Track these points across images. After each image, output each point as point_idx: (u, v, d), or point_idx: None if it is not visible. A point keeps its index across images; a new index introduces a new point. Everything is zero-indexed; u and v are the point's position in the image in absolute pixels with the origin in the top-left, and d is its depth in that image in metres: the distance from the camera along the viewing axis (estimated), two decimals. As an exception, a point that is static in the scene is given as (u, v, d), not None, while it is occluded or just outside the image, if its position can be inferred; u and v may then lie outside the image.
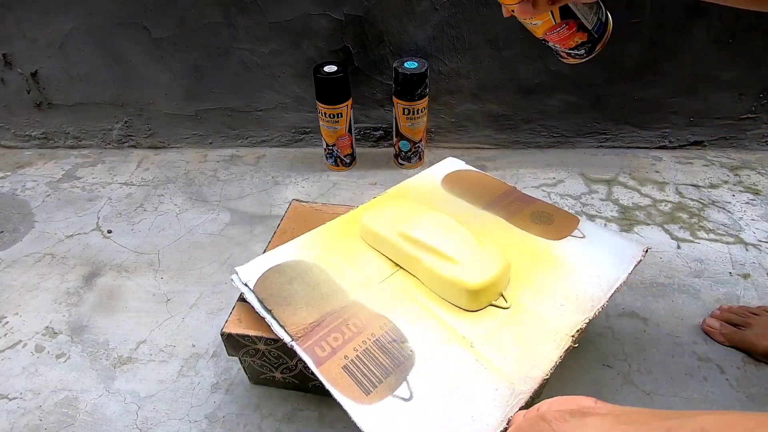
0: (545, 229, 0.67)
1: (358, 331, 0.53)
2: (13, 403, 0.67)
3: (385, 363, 0.51)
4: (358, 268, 0.62)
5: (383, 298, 0.58)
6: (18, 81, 1.08)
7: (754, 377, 0.67)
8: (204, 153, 1.15)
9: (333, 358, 0.51)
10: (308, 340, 0.52)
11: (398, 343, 0.52)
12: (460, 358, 0.51)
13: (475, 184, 0.76)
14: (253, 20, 0.97)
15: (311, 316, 0.55)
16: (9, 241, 0.93)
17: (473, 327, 0.54)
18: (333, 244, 0.65)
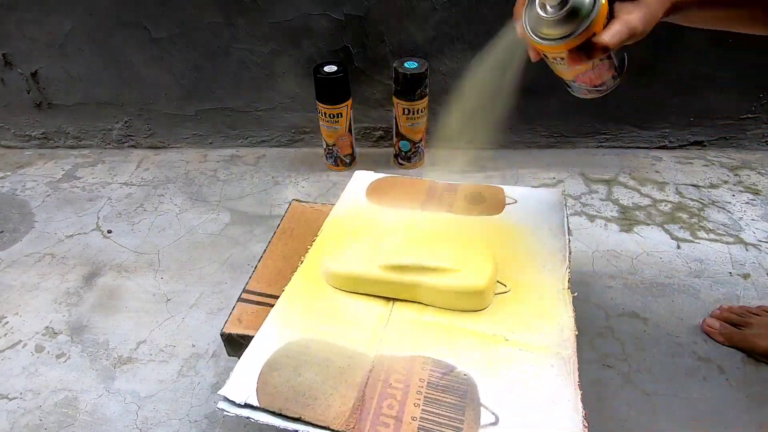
0: (485, 208, 0.71)
1: (406, 385, 0.48)
2: (13, 403, 0.67)
3: (453, 401, 0.46)
4: (354, 320, 0.55)
5: (400, 338, 0.53)
6: (18, 81, 1.08)
7: (754, 377, 0.67)
8: (204, 153, 1.15)
9: (403, 427, 0.44)
10: (365, 426, 0.45)
11: (450, 374, 0.49)
12: (508, 356, 0.51)
13: (399, 190, 0.74)
14: (253, 20, 0.97)
15: (347, 398, 0.47)
16: (9, 241, 0.93)
17: (494, 323, 0.54)
18: (309, 308, 0.57)
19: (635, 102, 1.04)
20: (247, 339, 0.58)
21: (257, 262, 0.69)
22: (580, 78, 0.54)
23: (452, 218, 0.69)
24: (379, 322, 0.55)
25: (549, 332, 0.53)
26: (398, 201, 0.72)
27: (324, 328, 0.54)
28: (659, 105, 1.04)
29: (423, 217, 0.70)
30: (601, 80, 0.54)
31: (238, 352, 0.61)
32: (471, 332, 0.53)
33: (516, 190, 0.74)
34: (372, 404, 0.46)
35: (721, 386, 0.66)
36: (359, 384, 0.48)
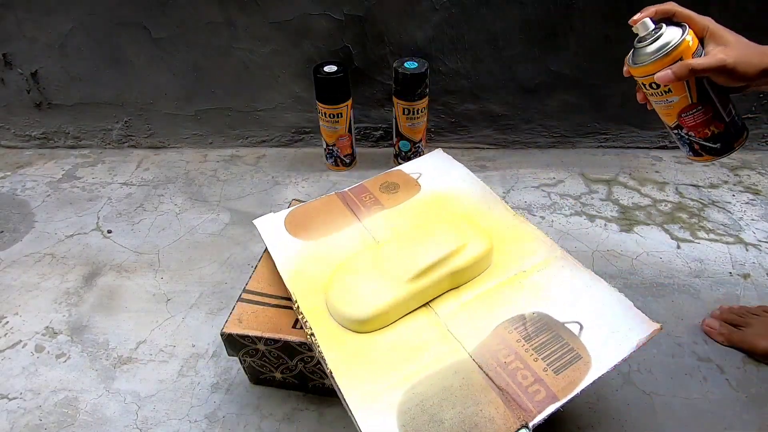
0: (406, 190, 0.75)
1: (514, 353, 0.52)
2: (13, 403, 0.67)
3: (548, 337, 0.53)
4: (418, 343, 0.54)
5: (468, 326, 0.55)
6: (18, 81, 1.08)
7: (754, 377, 0.67)
8: (204, 153, 1.15)
9: (548, 380, 0.49)
10: (528, 405, 0.48)
11: (527, 322, 0.55)
12: (536, 281, 0.60)
13: (318, 216, 0.71)
14: (253, 20, 0.97)
15: (494, 401, 0.48)
16: (9, 241, 0.93)
17: (505, 268, 0.62)
18: (367, 359, 0.53)
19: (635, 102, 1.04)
20: (247, 339, 0.58)
21: (257, 262, 0.69)
22: (684, 120, 0.56)
23: (398, 211, 0.72)
24: (438, 327, 0.56)
25: (537, 248, 0.64)
26: (332, 225, 0.69)
27: (407, 369, 0.52)
28: (659, 105, 1.04)
29: (375, 224, 0.69)
30: (708, 130, 0.56)
31: (238, 352, 0.61)
32: (502, 284, 0.60)
33: (408, 166, 0.79)
34: (514, 387, 0.49)
35: (721, 386, 0.66)
36: (487, 384, 0.50)
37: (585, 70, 1.00)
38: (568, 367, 0.50)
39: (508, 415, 0.47)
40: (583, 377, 0.49)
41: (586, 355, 0.51)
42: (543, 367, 0.50)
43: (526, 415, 0.47)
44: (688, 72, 0.51)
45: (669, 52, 0.52)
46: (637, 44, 0.55)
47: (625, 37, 0.95)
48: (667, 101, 0.56)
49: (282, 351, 0.59)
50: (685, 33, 0.52)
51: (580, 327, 0.54)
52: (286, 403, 0.66)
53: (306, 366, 0.61)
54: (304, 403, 0.66)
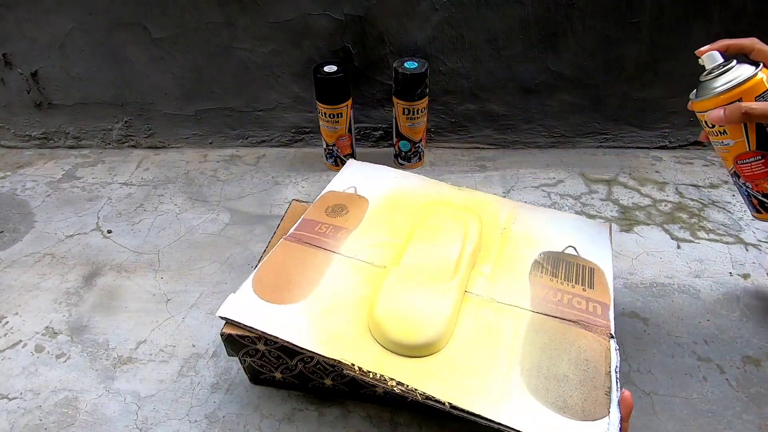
0: (356, 207, 0.73)
1: (557, 282, 0.61)
2: (13, 403, 0.67)
3: (570, 261, 0.64)
4: (492, 327, 0.55)
5: (507, 288, 0.60)
6: (18, 81, 1.08)
7: (754, 377, 0.67)
8: (204, 153, 1.15)
9: (589, 293, 0.59)
10: (601, 321, 0.56)
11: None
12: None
13: (291, 266, 0.63)
14: (253, 20, 0.97)
15: (583, 332, 0.54)
16: (9, 241, 0.93)
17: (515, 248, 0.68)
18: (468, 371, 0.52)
19: (635, 102, 1.04)
20: (247, 339, 0.58)
21: (257, 262, 0.69)
22: (741, 168, 0.52)
23: (367, 228, 0.69)
24: (489, 305, 0.58)
25: (498, 207, 0.73)
26: (313, 271, 0.61)
27: (500, 355, 0.52)
28: (659, 105, 1.04)
29: (354, 249, 0.65)
30: (759, 181, 0.52)
31: (238, 352, 0.61)
32: (502, 246, 0.66)
33: (337, 185, 0.78)
34: (580, 314, 0.56)
35: (721, 386, 0.66)
36: (564, 324, 0.55)
37: (585, 70, 1.00)
38: (593, 279, 0.61)
39: (595, 337, 0.53)
40: (606, 280, 0.61)
41: (594, 265, 0.63)
42: (581, 289, 0.59)
43: (605, 329, 0.55)
44: (740, 115, 0.46)
45: (728, 90, 0.47)
46: (701, 78, 0.51)
47: (626, 37, 0.96)
48: (723, 143, 0.52)
49: (282, 351, 0.59)
50: (756, 71, 0.46)
51: (575, 249, 0.65)
52: (286, 403, 0.66)
53: (306, 366, 0.61)
54: (304, 403, 0.66)
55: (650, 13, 0.93)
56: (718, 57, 0.50)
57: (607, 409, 0.47)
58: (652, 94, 1.03)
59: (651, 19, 0.93)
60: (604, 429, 0.45)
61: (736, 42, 0.50)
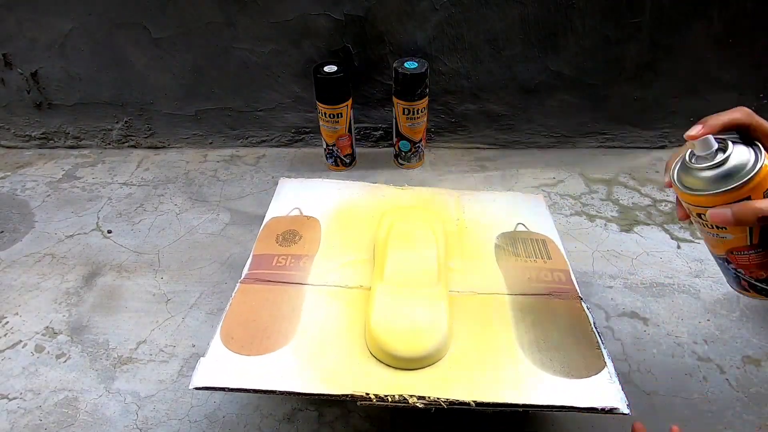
0: (313, 231, 0.69)
1: (520, 260, 0.63)
2: (13, 403, 0.67)
3: (524, 238, 0.68)
4: (481, 319, 0.57)
5: (481, 278, 0.62)
6: (18, 81, 1.08)
7: (754, 377, 0.67)
8: (204, 153, 1.15)
9: (549, 263, 0.64)
10: (567, 287, 0.61)
11: None
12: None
13: (260, 311, 0.58)
14: (253, 20, 0.97)
15: (558, 302, 0.59)
16: (9, 241, 0.93)
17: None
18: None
19: (635, 102, 1.04)
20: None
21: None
22: (734, 257, 0.44)
23: (328, 250, 0.65)
24: (471, 298, 0.60)
25: (445, 199, 0.75)
26: (286, 311, 0.58)
27: (503, 340, 0.55)
28: (659, 105, 1.04)
29: (324, 276, 0.62)
30: (762, 272, 0.44)
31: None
32: (461, 236, 0.69)
33: (278, 209, 0.73)
34: (551, 286, 0.61)
35: (721, 386, 0.66)
36: (541, 299, 0.58)
37: (585, 70, 1.00)
38: (548, 249, 0.66)
39: (569, 302, 0.58)
40: (558, 246, 0.67)
41: (544, 237, 0.68)
42: (543, 261, 0.63)
43: (573, 293, 0.60)
44: (754, 219, 0.38)
45: (735, 188, 0.38)
46: (692, 162, 0.42)
47: (626, 37, 0.96)
48: (718, 236, 0.43)
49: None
50: (760, 160, 0.38)
51: (524, 225, 0.70)
52: (286, 403, 0.66)
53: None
54: (304, 403, 0.66)
55: (650, 13, 0.93)
56: (714, 142, 0.40)
57: (603, 360, 0.52)
58: (652, 94, 1.03)
59: (651, 19, 0.93)
60: (607, 377, 0.50)
61: (730, 120, 0.41)
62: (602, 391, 0.49)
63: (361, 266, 0.63)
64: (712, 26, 0.93)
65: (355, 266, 0.63)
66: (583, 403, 0.48)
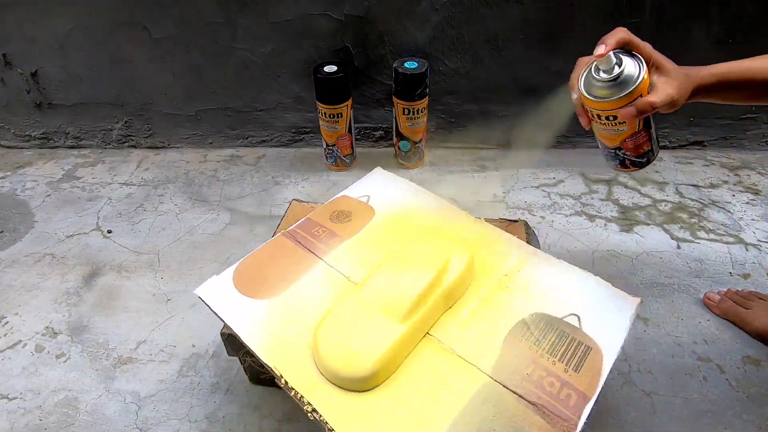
0: (361, 217, 0.69)
1: (536, 353, 0.51)
2: (13, 403, 0.67)
3: (555, 336, 0.53)
4: (438, 381, 0.50)
5: (475, 342, 0.53)
6: (18, 81, 1.08)
7: (754, 377, 0.67)
8: (204, 153, 1.15)
9: (571, 378, 0.49)
10: (568, 414, 0.46)
11: (530, 326, 0.54)
12: (523, 282, 0.61)
13: (274, 262, 0.63)
14: (253, 20, 0.97)
15: (539, 421, 0.46)
16: (9, 241, 0.93)
17: (490, 281, 0.61)
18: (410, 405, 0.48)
19: (635, 102, 1.04)
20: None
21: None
22: (627, 144, 0.59)
23: (359, 240, 0.65)
24: (447, 356, 0.52)
25: (508, 249, 0.64)
26: (291, 272, 0.61)
27: (433, 415, 0.47)
28: (659, 105, 1.04)
29: (338, 259, 0.62)
30: (642, 150, 0.59)
31: (238, 352, 0.61)
32: (491, 293, 0.58)
33: (354, 191, 0.75)
34: (546, 398, 0.47)
35: (721, 386, 0.66)
36: (520, 404, 0.47)
37: (585, 70, 1.00)
38: (584, 361, 0.50)
39: (550, 430, 0.45)
40: (600, 367, 0.50)
41: (594, 345, 0.52)
42: (563, 369, 0.49)
43: (569, 425, 0.45)
44: (650, 110, 0.52)
45: (633, 91, 0.52)
46: (596, 77, 0.54)
47: (625, 37, 0.96)
48: (618, 130, 0.57)
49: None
50: (643, 68, 0.53)
51: (578, 319, 0.54)
52: (286, 403, 0.66)
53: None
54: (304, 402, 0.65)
55: (650, 13, 0.93)
56: (614, 59, 0.53)
57: None
58: (652, 94, 1.03)
59: (651, 19, 0.93)
60: None
61: (618, 38, 0.53)
62: None
63: (372, 268, 0.60)
64: (712, 26, 0.93)
65: (368, 265, 0.61)
66: None
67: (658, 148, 0.61)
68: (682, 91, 0.54)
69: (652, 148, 0.60)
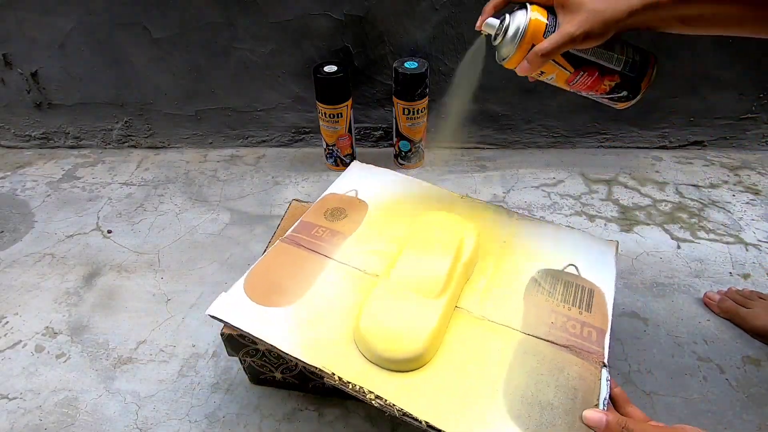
0: (356, 212, 0.71)
1: (553, 303, 0.58)
2: (13, 403, 0.67)
3: (569, 281, 0.61)
4: (480, 346, 0.54)
5: (500, 306, 0.58)
6: (18, 81, 1.08)
7: (754, 377, 0.67)
8: (204, 153, 1.15)
9: (586, 316, 0.56)
10: (595, 348, 0.53)
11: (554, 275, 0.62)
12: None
13: (284, 269, 0.62)
14: (253, 20, 0.97)
15: (574, 359, 0.52)
16: (9, 241, 0.93)
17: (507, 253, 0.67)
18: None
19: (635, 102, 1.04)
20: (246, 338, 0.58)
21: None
22: (575, 87, 0.56)
23: (364, 234, 0.67)
24: (480, 323, 0.56)
25: (499, 218, 0.70)
26: (306, 275, 0.61)
27: (485, 376, 0.51)
28: (659, 105, 1.04)
29: (349, 255, 0.63)
30: (605, 86, 0.54)
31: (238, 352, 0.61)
32: (499, 259, 0.64)
33: (339, 187, 0.76)
34: (573, 339, 0.54)
35: (721, 386, 0.66)
36: (555, 349, 0.53)
37: (585, 70, 1.00)
38: (591, 302, 0.58)
39: (587, 365, 0.51)
40: (605, 303, 0.58)
41: (594, 287, 0.60)
42: (578, 312, 0.57)
43: (598, 357, 0.52)
44: (540, 60, 0.49)
45: (520, 43, 0.50)
46: (494, 43, 0.54)
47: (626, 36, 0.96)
48: (549, 79, 0.55)
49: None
50: (527, 15, 0.50)
51: (575, 268, 0.63)
52: (286, 403, 0.66)
53: (306, 366, 0.61)
54: (304, 403, 0.66)
55: (650, 13, 0.93)
56: (494, 21, 0.53)
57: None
58: (652, 94, 1.02)
59: (651, 19, 0.93)
60: None
61: (495, 3, 0.52)
62: None
63: (386, 257, 0.62)
64: (712, 26, 0.93)
65: (381, 256, 0.63)
66: None
67: (642, 67, 0.53)
68: (591, 20, 0.47)
69: (621, 80, 0.53)
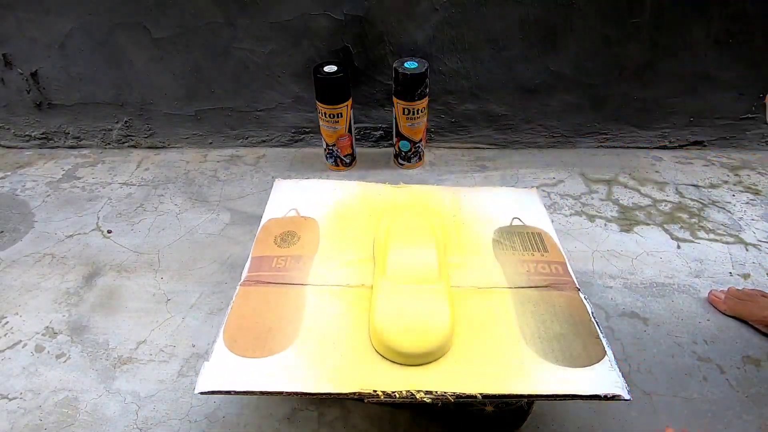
0: (311, 232, 0.68)
1: (518, 254, 0.64)
2: (13, 403, 0.67)
3: (520, 232, 0.68)
4: (484, 314, 0.57)
5: (480, 273, 0.62)
6: (18, 81, 1.08)
7: (754, 377, 0.67)
8: (204, 153, 1.15)
9: (545, 256, 0.64)
10: (565, 278, 0.61)
11: None
12: None
13: (261, 313, 0.57)
14: (253, 20, 0.97)
15: (557, 294, 0.59)
16: (9, 241, 0.93)
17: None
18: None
19: (635, 102, 1.04)
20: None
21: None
22: None
23: (328, 250, 0.65)
24: (474, 293, 0.60)
25: (442, 195, 0.75)
26: (288, 311, 0.57)
27: (509, 333, 0.55)
28: (659, 105, 1.04)
29: (323, 275, 0.61)
30: None
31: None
32: (458, 232, 0.69)
33: (276, 211, 0.72)
34: (548, 278, 0.61)
35: (721, 386, 0.66)
36: (540, 292, 0.59)
37: (585, 70, 1.00)
38: (544, 242, 0.66)
39: (567, 294, 0.59)
40: (554, 241, 0.67)
41: (539, 230, 0.68)
42: (540, 255, 0.64)
43: (571, 284, 0.60)
44: None
45: None
46: None
47: (625, 37, 0.96)
48: None
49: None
50: None
51: (519, 219, 0.70)
52: (286, 403, 0.66)
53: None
54: (304, 403, 0.66)
55: (650, 13, 0.93)
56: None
57: (603, 349, 0.52)
58: (652, 94, 1.03)
59: (651, 19, 0.93)
60: (608, 365, 0.51)
61: None
62: (604, 379, 0.50)
63: (362, 265, 0.62)
64: (712, 26, 0.93)
65: (356, 265, 0.63)
66: (586, 391, 0.49)
67: None
68: None
69: None
